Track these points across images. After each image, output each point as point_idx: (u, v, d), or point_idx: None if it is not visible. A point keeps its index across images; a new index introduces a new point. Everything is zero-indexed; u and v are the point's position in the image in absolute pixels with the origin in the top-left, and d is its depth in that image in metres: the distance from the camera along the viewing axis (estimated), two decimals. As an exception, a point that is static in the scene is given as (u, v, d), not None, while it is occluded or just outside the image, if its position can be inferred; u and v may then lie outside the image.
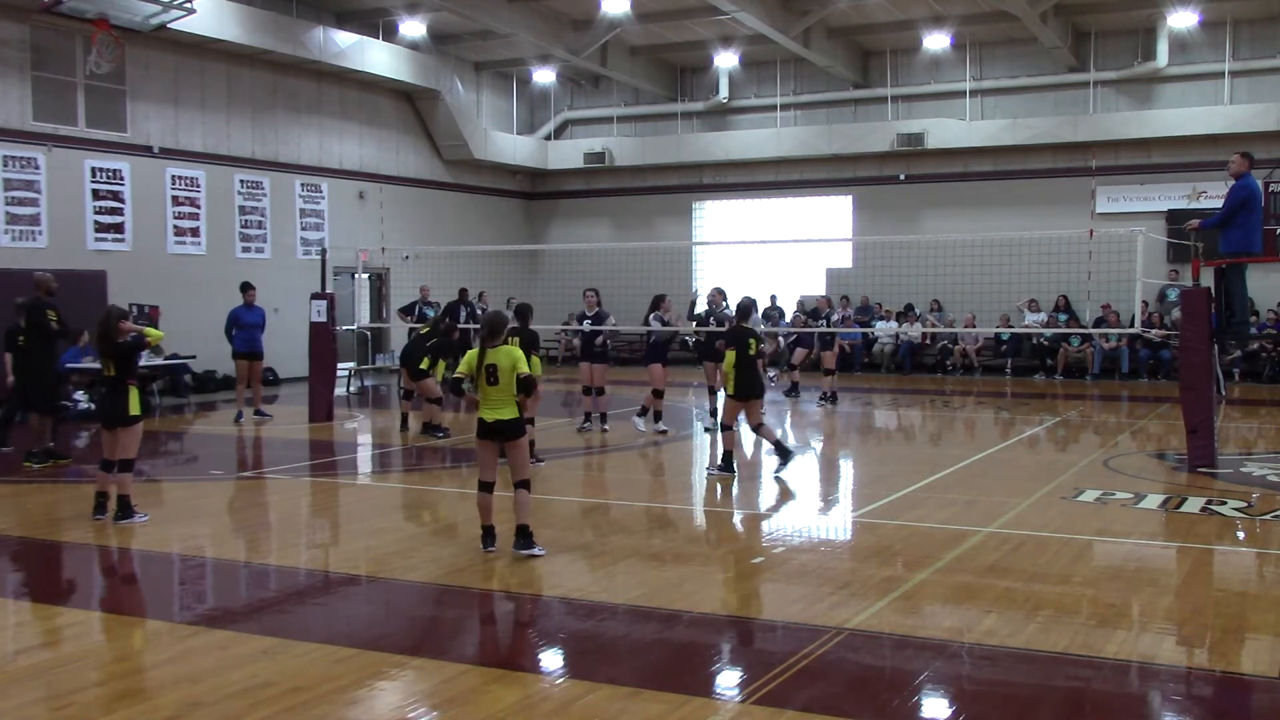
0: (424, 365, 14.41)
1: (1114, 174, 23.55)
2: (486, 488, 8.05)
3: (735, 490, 11.80)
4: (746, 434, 14.93)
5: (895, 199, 25.66)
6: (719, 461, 11.45)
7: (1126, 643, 6.06)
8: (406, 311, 17.54)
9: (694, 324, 15.61)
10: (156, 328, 18.07)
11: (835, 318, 18.98)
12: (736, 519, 10.04)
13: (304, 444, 14.39)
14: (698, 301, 16.22)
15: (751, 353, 11.07)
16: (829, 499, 10.96)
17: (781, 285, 25.44)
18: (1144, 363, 22.11)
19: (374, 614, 6.97)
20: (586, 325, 14.63)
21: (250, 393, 16.26)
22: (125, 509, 9.29)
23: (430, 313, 19.10)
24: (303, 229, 22.84)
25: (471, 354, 7.96)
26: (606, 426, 14.53)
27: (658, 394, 14.39)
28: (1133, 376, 22.12)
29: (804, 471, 12.88)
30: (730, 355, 10.98)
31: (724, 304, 15.91)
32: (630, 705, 5.15)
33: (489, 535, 8.08)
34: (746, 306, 11.51)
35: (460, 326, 17.39)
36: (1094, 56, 24.17)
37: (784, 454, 11.33)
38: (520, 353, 8.02)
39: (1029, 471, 11.77)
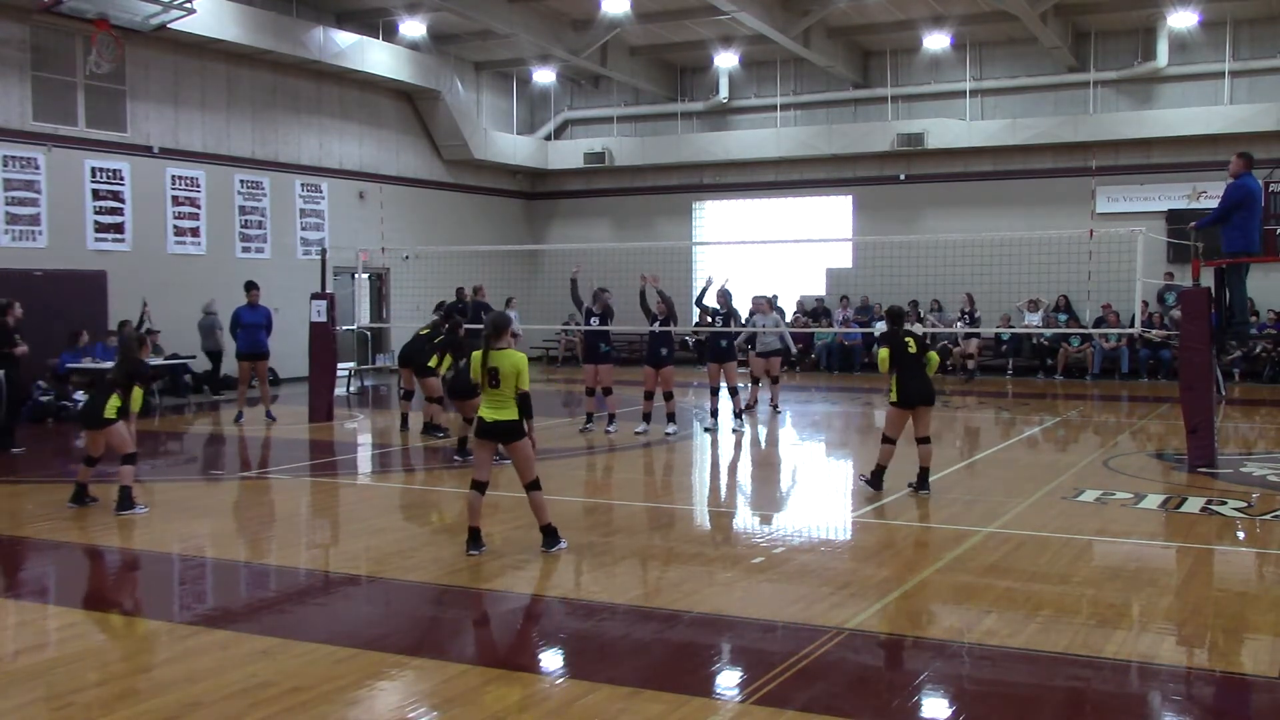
0: (432, 363, 14.35)
1: (1114, 174, 23.56)
2: (479, 487, 8.02)
3: (734, 490, 11.80)
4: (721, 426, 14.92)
5: (895, 199, 25.66)
6: (867, 475, 10.37)
7: (1126, 643, 6.05)
8: (460, 311, 17.46)
9: (698, 312, 15.37)
10: (152, 319, 18.23)
11: (763, 322, 16.65)
12: (736, 519, 10.04)
13: (304, 444, 14.38)
14: (709, 291, 15.40)
15: (912, 351, 10.11)
16: (829, 499, 10.95)
17: (782, 285, 25.44)
18: (1144, 363, 22.11)
19: (374, 614, 6.97)
20: (594, 323, 14.62)
21: (254, 392, 16.23)
22: (125, 501, 9.52)
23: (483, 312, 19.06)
24: (303, 229, 22.85)
25: (476, 355, 7.97)
26: (612, 428, 14.48)
27: (590, 392, 14.78)
28: (1133, 376, 22.12)
29: (803, 471, 12.89)
30: (884, 353, 10.16)
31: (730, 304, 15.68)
32: (630, 705, 5.14)
33: (475, 538, 8.04)
34: (898, 312, 10.52)
35: (469, 326, 17.29)
36: (1094, 56, 24.17)
37: (923, 480, 10.22)
38: (524, 362, 7.94)
39: (1029, 471, 11.76)
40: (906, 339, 10.24)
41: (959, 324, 22.94)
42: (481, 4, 21.47)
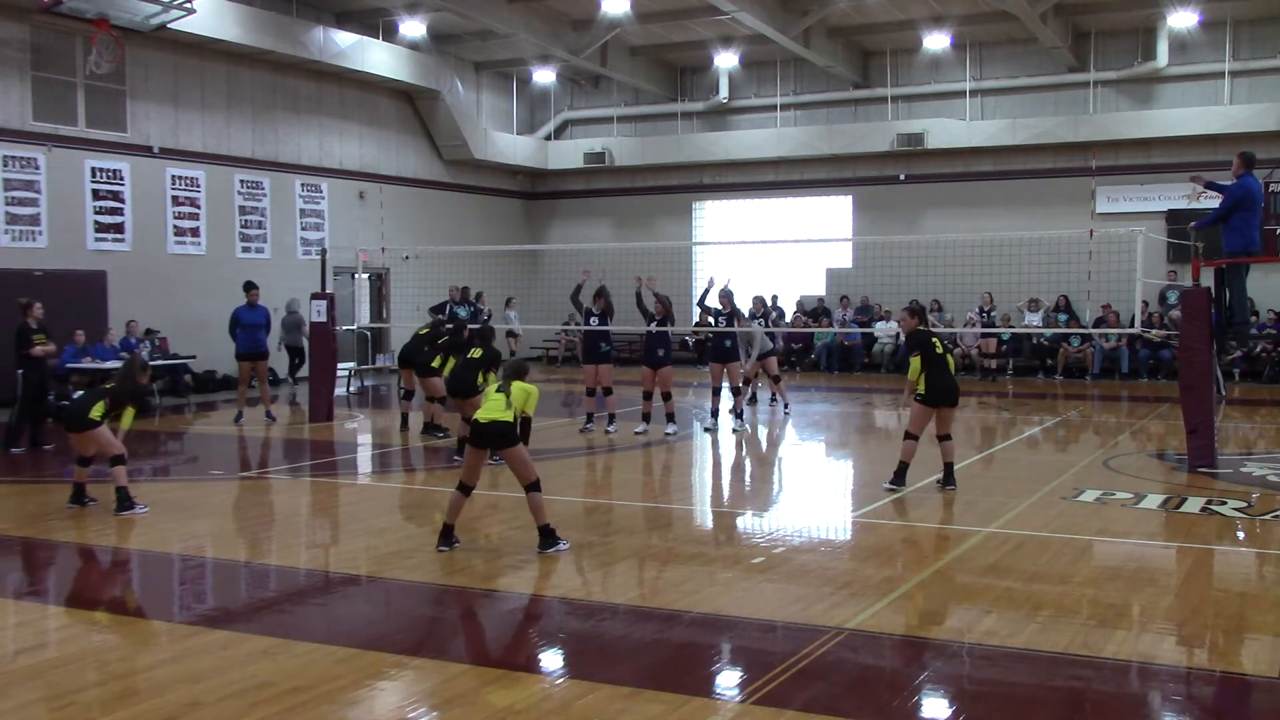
0: (435, 363, 14.31)
1: (1114, 174, 23.55)
2: (464, 489, 8.05)
3: (734, 490, 11.81)
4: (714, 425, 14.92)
5: (895, 199, 25.66)
6: (892, 474, 10.40)
7: (1126, 643, 6.05)
8: (437, 310, 17.50)
9: (699, 312, 15.37)
10: (168, 352, 18.38)
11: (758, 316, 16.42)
12: (737, 519, 10.04)
13: (304, 444, 14.39)
14: (711, 292, 15.15)
15: (939, 351, 10.15)
16: (829, 499, 10.95)
17: (782, 285, 25.45)
18: (1144, 363, 22.11)
19: (374, 614, 6.97)
20: (594, 322, 14.62)
21: (254, 393, 16.23)
22: (123, 501, 9.53)
23: (462, 313, 19.05)
24: (303, 229, 22.84)
25: (492, 389, 8.12)
26: (612, 428, 14.48)
27: (590, 392, 14.86)
28: (1133, 376, 22.12)
29: (804, 471, 12.89)
30: (915, 362, 10.23)
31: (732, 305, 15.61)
32: (630, 705, 5.14)
33: (447, 534, 8.09)
34: (920, 308, 10.63)
35: (470, 327, 17.27)
36: (1094, 56, 24.17)
37: (949, 476, 10.42)
38: (536, 394, 8.10)
39: (1029, 471, 11.77)
40: (933, 339, 10.29)
41: (977, 324, 22.94)
42: (481, 4, 21.47)
